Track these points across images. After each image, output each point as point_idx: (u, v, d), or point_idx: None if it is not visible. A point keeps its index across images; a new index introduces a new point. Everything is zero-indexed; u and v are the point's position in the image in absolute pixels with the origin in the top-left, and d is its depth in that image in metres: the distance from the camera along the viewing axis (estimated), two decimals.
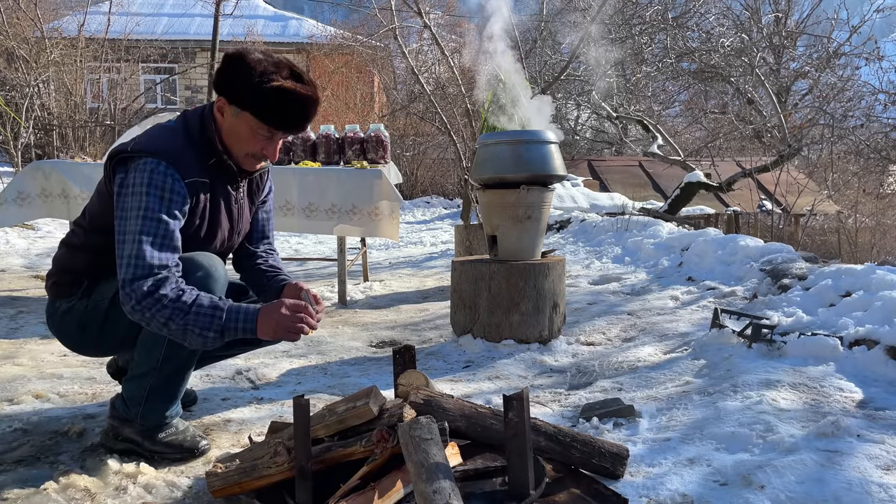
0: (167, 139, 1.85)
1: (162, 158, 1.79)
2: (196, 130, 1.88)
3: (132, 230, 1.74)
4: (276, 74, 1.80)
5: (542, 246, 3.43)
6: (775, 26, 11.47)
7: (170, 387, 1.97)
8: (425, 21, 6.63)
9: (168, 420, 1.99)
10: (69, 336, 2.03)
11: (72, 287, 1.97)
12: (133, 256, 1.72)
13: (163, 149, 1.81)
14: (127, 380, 1.99)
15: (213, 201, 1.93)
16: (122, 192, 1.79)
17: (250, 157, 1.91)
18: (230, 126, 1.87)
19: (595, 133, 17.94)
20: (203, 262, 1.88)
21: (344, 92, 16.69)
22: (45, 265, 6.02)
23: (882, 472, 1.75)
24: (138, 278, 1.70)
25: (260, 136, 1.86)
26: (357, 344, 3.41)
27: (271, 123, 1.83)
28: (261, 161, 1.96)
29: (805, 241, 8.92)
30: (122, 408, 1.97)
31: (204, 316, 1.71)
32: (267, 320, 1.74)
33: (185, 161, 1.83)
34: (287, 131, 1.88)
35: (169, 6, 21.08)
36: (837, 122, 9.14)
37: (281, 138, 1.91)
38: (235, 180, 1.98)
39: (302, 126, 1.88)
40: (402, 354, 1.90)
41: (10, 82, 11.40)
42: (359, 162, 4.42)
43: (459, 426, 1.71)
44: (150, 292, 1.70)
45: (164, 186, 1.77)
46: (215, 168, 1.91)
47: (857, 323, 2.81)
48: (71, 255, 1.99)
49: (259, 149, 1.89)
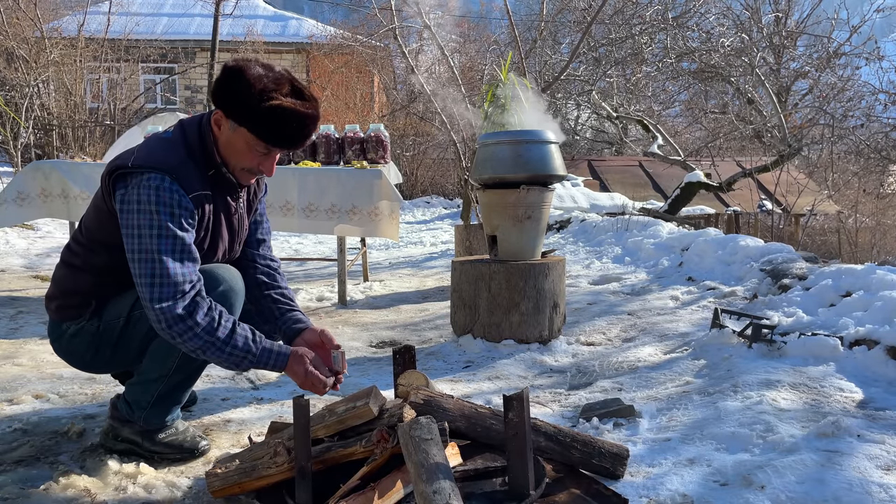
0: (168, 153, 1.80)
1: (165, 173, 1.75)
2: (195, 142, 1.84)
3: (148, 248, 1.71)
4: (275, 92, 1.75)
5: (542, 246, 3.43)
6: (775, 26, 11.47)
7: (176, 394, 1.97)
8: (425, 21, 6.63)
9: (169, 423, 1.99)
10: (79, 357, 1.99)
11: (80, 309, 1.93)
12: (157, 276, 1.70)
13: (165, 163, 1.77)
14: (133, 383, 1.97)
15: (214, 213, 1.90)
16: (126, 208, 1.74)
17: (246, 171, 1.88)
18: (227, 139, 1.83)
19: (595, 133, 17.95)
20: (224, 276, 1.89)
21: (344, 92, 16.68)
22: (45, 265, 6.02)
23: (882, 473, 1.75)
24: (166, 299, 1.69)
25: (257, 153, 1.83)
26: (357, 344, 3.40)
27: (269, 141, 1.79)
28: (256, 175, 1.92)
29: (805, 241, 8.92)
30: (124, 409, 1.97)
31: (236, 357, 1.74)
32: (297, 369, 1.78)
33: (187, 175, 1.80)
34: (285, 149, 1.85)
35: (169, 6, 21.08)
36: (837, 122, 9.13)
37: (278, 154, 1.88)
38: (235, 191, 1.95)
39: (300, 143, 1.84)
40: (402, 354, 1.89)
41: (10, 82, 11.39)
42: (359, 162, 4.41)
43: (459, 426, 1.71)
44: (181, 317, 1.69)
45: (171, 202, 1.74)
46: (214, 180, 1.88)
47: (857, 323, 2.81)
48: (74, 277, 1.93)
49: (255, 164, 1.85)
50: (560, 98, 12.15)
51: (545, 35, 10.50)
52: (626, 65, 11.31)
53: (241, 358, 1.74)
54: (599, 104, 10.87)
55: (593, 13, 8.52)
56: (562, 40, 13.37)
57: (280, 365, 1.77)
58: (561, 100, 12.42)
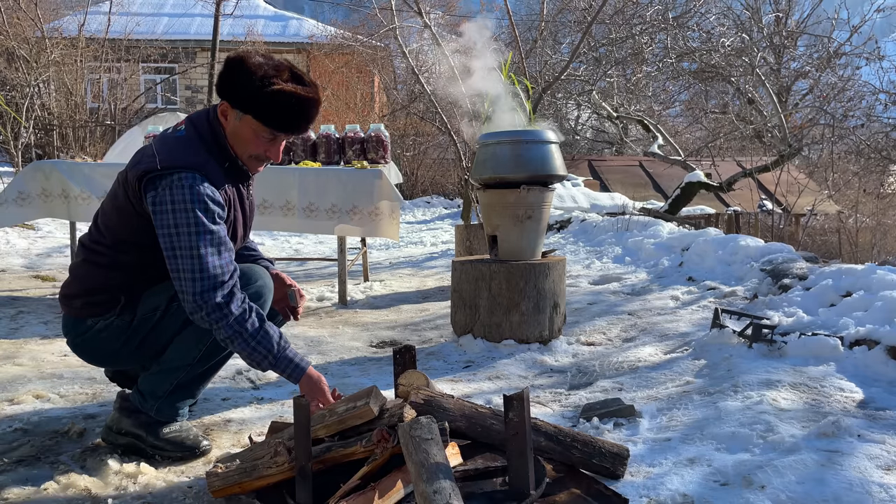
0: (189, 151, 1.87)
1: (195, 171, 1.82)
2: (210, 138, 1.91)
3: (187, 245, 1.78)
4: (276, 78, 1.82)
5: (542, 246, 3.43)
6: (776, 26, 11.47)
7: (192, 386, 2.02)
8: (425, 21, 6.63)
9: (179, 417, 2.02)
10: (102, 351, 2.03)
11: (108, 305, 1.97)
12: (198, 270, 1.77)
13: (193, 162, 1.84)
14: (151, 373, 2.01)
15: (232, 204, 1.98)
16: (161, 209, 1.80)
17: (253, 159, 1.95)
18: (233, 129, 1.90)
19: (595, 133, 17.95)
20: (259, 274, 1.99)
21: (344, 92, 16.67)
22: (45, 265, 6.02)
23: (882, 472, 1.75)
24: (207, 290, 1.77)
25: (263, 139, 1.90)
26: (357, 344, 3.41)
27: (273, 126, 1.86)
28: (264, 163, 1.99)
29: (805, 241, 8.90)
30: (136, 399, 1.99)
31: (259, 353, 1.81)
32: (310, 388, 1.85)
33: (212, 171, 1.88)
34: (289, 133, 1.91)
35: (169, 6, 21.08)
36: (838, 122, 9.13)
37: (284, 139, 1.94)
38: (245, 180, 2.03)
39: (304, 128, 1.91)
40: (402, 354, 1.90)
41: (11, 82, 11.40)
42: (359, 162, 4.41)
43: (460, 426, 1.71)
44: (219, 305, 1.77)
45: (205, 199, 1.81)
46: (229, 172, 1.95)
47: (857, 323, 2.81)
48: (100, 275, 1.96)
49: (262, 151, 1.92)
50: (560, 98, 12.15)
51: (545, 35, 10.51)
52: (626, 65, 11.31)
53: (263, 357, 1.82)
54: (600, 104, 10.87)
55: (593, 13, 8.52)
56: (562, 40, 13.37)
57: (295, 377, 1.85)
58: (561, 100, 12.42)
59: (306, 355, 3.06)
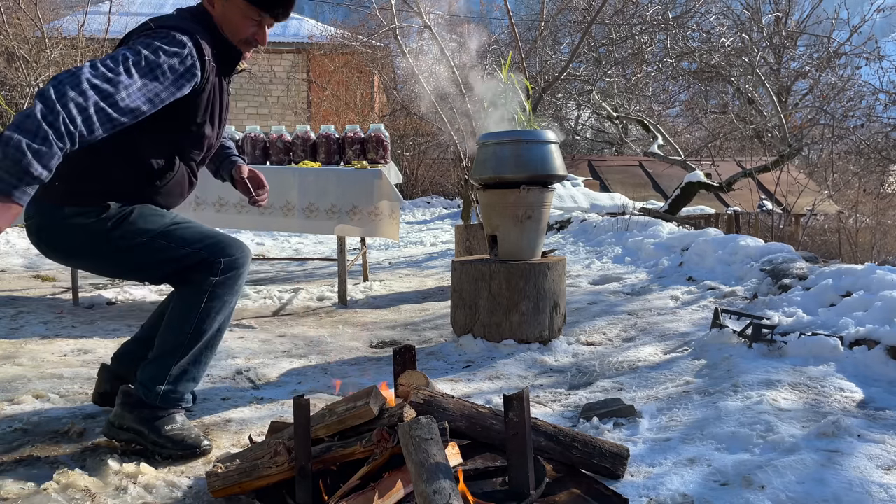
0: (187, 22, 1.92)
1: (189, 35, 1.85)
2: (201, 19, 1.97)
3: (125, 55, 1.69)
4: None
5: (542, 246, 3.43)
6: (776, 26, 11.47)
7: (193, 369, 2.03)
8: (425, 21, 6.63)
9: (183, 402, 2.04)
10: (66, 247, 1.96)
11: (92, 199, 1.90)
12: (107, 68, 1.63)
13: (188, 28, 1.87)
14: (148, 363, 2.02)
15: (213, 90, 2.01)
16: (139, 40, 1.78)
17: (242, 42, 2.01)
18: (222, 14, 1.97)
19: (595, 133, 17.95)
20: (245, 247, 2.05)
21: (344, 92, 16.67)
22: (45, 265, 6.02)
23: (882, 472, 1.75)
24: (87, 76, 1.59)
25: (251, 21, 1.97)
26: (357, 344, 3.41)
27: (259, 6, 1.95)
28: (253, 46, 2.06)
29: (805, 241, 8.90)
30: (140, 391, 2.00)
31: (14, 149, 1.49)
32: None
33: (205, 42, 1.91)
34: (274, 12, 1.97)
35: (169, 6, 21.08)
36: (838, 122, 9.13)
37: (270, 23, 2.02)
38: (231, 70, 2.07)
39: (288, 8, 1.98)
40: (402, 354, 1.90)
41: (11, 82, 11.39)
42: (359, 162, 4.41)
43: (459, 426, 1.71)
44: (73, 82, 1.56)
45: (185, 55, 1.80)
46: (216, 57, 1.98)
47: (857, 323, 2.81)
48: (89, 157, 1.86)
49: (251, 33, 1.99)
50: (560, 98, 12.15)
51: (545, 35, 10.50)
52: (626, 65, 11.32)
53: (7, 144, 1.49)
54: (599, 104, 10.88)
55: (593, 13, 8.52)
56: (562, 40, 13.37)
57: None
58: (561, 100, 12.42)
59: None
